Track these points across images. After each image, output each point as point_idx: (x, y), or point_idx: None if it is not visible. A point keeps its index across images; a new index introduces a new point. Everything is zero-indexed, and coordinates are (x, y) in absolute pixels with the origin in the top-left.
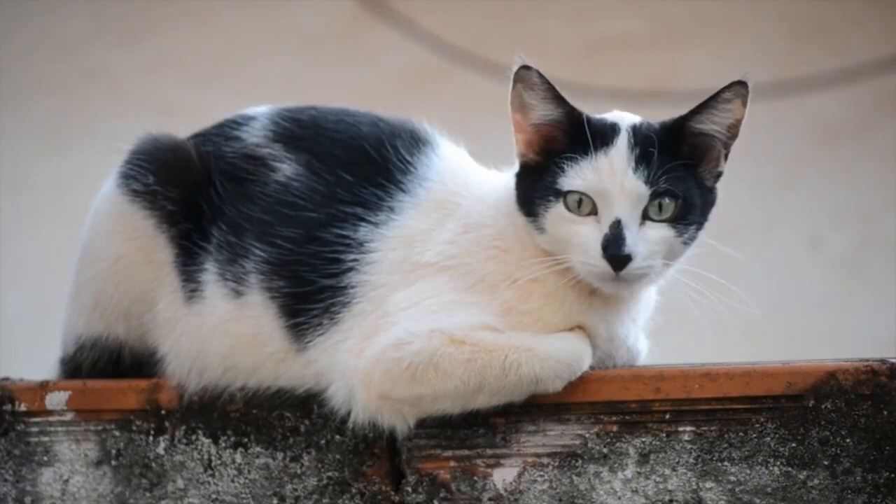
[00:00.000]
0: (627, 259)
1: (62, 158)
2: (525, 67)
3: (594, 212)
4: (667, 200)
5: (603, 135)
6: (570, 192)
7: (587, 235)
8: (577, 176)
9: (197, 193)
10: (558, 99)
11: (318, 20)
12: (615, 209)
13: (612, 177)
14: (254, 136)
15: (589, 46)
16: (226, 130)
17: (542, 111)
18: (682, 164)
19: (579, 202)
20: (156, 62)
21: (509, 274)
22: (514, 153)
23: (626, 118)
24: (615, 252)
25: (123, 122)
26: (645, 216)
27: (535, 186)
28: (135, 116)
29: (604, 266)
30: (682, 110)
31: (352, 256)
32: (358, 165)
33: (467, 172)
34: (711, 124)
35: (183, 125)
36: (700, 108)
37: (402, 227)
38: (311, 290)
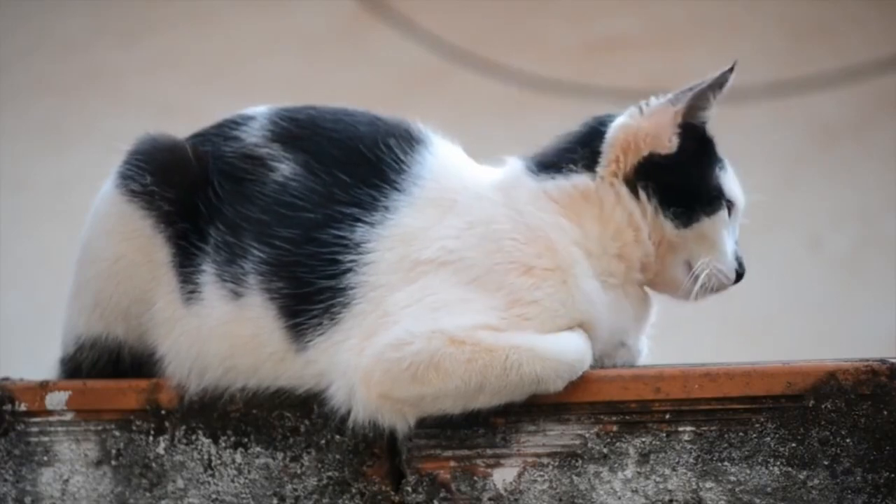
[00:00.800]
0: (742, 278)
1: (62, 158)
2: (732, 70)
3: None
4: None
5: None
6: (730, 201)
7: (730, 245)
8: (734, 187)
9: (194, 194)
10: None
11: (318, 20)
12: (737, 226)
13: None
14: (252, 135)
15: (589, 46)
16: (225, 130)
17: (711, 112)
18: None
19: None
20: (156, 62)
21: (524, 262)
22: (513, 150)
23: None
24: (743, 269)
25: (123, 122)
26: None
27: (695, 185)
28: (135, 116)
29: (732, 278)
30: None
31: (349, 257)
32: (354, 165)
33: (462, 169)
34: None
35: (183, 125)
36: None
37: (398, 226)
38: (310, 292)
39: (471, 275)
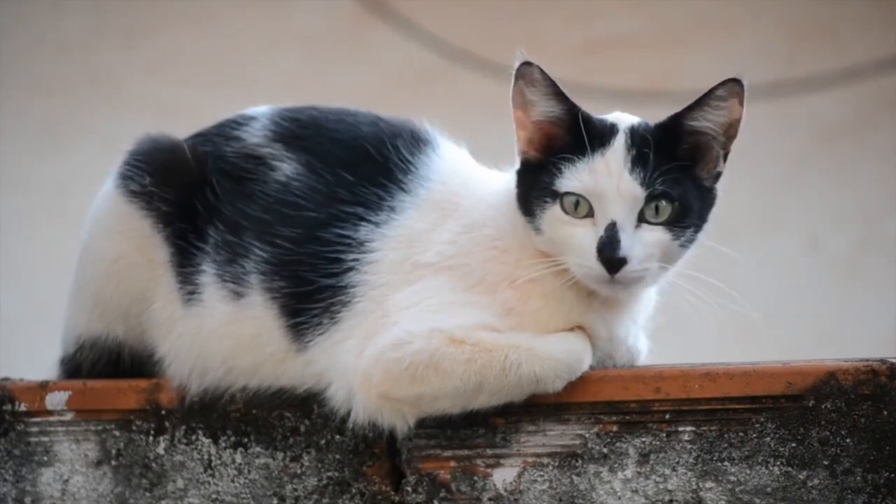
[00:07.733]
0: (622, 262)
1: (62, 158)
2: (527, 63)
3: (591, 214)
4: (663, 203)
5: (601, 135)
6: (566, 193)
7: (583, 238)
8: (574, 177)
9: (193, 194)
10: (560, 95)
11: (318, 20)
12: (610, 211)
13: (608, 178)
14: (254, 135)
15: (589, 46)
16: (226, 130)
17: (544, 108)
18: (679, 166)
19: (576, 204)
20: (156, 62)
21: (508, 274)
22: (513, 152)
23: (625, 119)
24: (610, 255)
25: (123, 122)
26: (641, 219)
27: (534, 186)
28: (134, 117)
29: (599, 268)
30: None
31: (352, 256)
32: (359, 165)
33: (468, 172)
34: (706, 122)
35: (183, 125)
36: (694, 106)
37: (403, 227)
38: (311, 290)
39: (468, 281)
